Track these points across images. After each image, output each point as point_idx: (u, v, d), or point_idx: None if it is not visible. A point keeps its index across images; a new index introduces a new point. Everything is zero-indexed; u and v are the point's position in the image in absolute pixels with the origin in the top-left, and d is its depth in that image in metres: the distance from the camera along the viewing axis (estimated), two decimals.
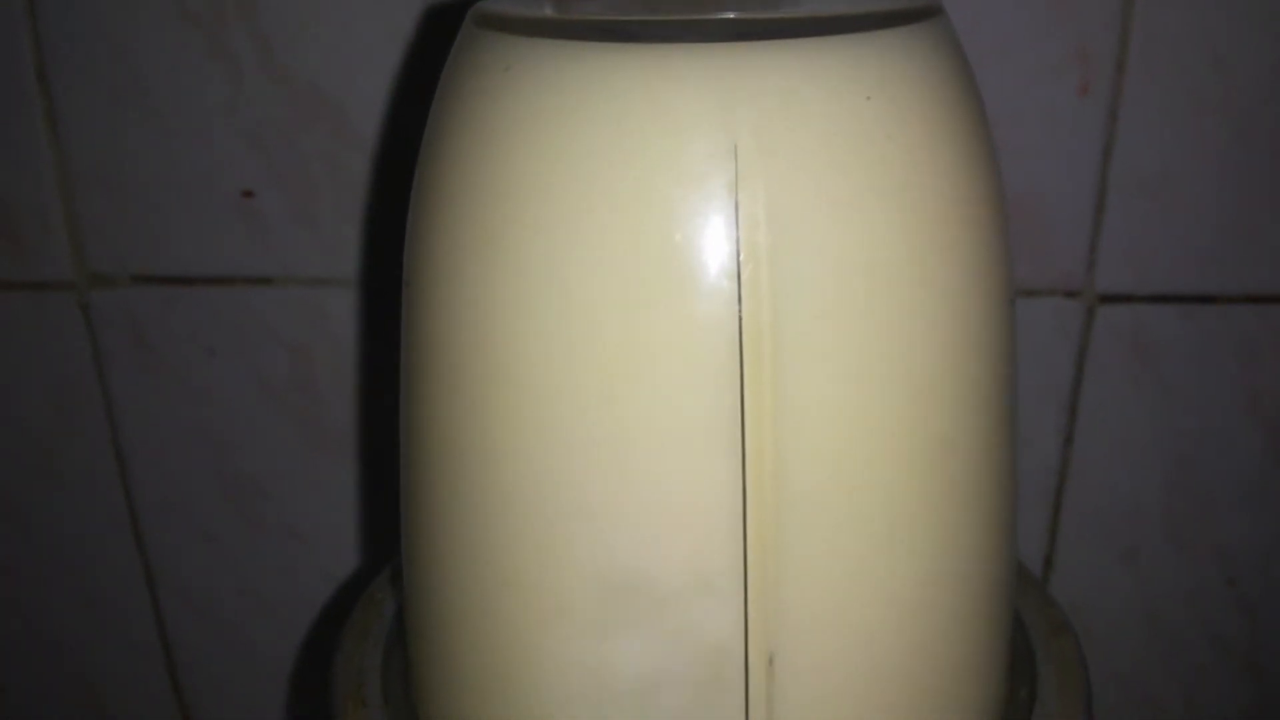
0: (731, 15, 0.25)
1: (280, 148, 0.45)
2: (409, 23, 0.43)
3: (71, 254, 0.47)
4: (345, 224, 0.46)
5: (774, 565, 0.25)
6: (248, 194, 0.45)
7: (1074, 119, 0.43)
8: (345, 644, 0.33)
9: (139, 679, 0.56)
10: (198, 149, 0.45)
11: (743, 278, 0.23)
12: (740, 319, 0.23)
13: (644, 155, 0.23)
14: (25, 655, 0.56)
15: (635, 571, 0.25)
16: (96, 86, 0.44)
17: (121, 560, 0.53)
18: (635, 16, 0.26)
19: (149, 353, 0.49)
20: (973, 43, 0.42)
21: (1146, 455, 0.49)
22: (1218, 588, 0.51)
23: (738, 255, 0.23)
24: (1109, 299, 0.46)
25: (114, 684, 0.56)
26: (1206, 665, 0.53)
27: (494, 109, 0.24)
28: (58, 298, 0.48)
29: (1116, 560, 0.51)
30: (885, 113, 0.24)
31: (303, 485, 0.51)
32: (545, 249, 0.24)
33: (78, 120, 0.45)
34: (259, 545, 0.52)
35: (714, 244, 0.23)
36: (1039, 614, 0.34)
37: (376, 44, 0.43)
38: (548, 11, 0.27)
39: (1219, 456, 0.48)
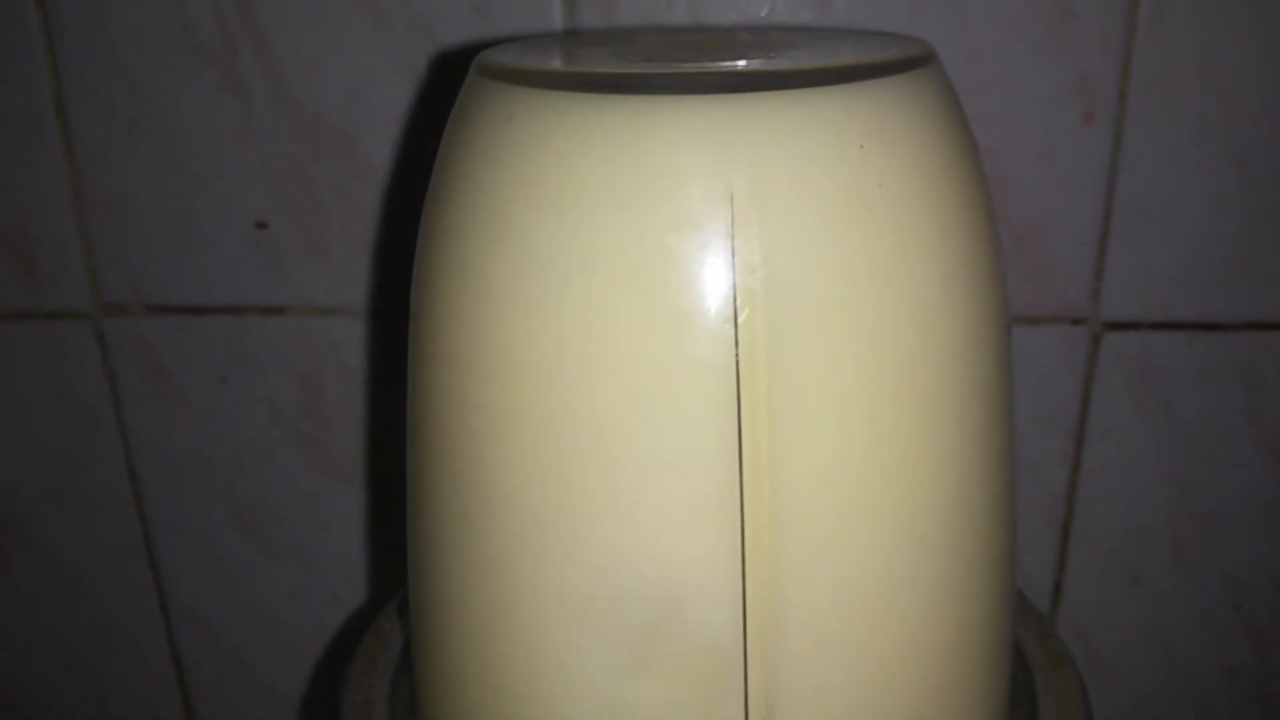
0: (728, 66, 0.26)
1: (291, 179, 0.45)
2: (420, 60, 0.43)
3: (87, 284, 0.48)
4: (355, 254, 0.46)
5: (773, 606, 0.25)
6: (261, 225, 0.46)
7: (1077, 147, 0.43)
8: (352, 676, 0.33)
9: (152, 701, 0.56)
10: (211, 180, 0.46)
11: (739, 322, 0.24)
12: (737, 363, 0.24)
13: (642, 203, 0.24)
14: (39, 676, 0.57)
15: (637, 608, 0.25)
16: (112, 119, 0.45)
17: (135, 584, 0.54)
18: (635, 69, 0.26)
19: (163, 380, 0.49)
20: (975, 72, 0.42)
21: (1153, 481, 0.49)
22: (1225, 612, 0.51)
23: (735, 300, 0.24)
24: (1114, 326, 0.46)
25: (127, 706, 0.57)
26: (1215, 690, 0.53)
27: (496, 158, 0.25)
28: (74, 327, 0.48)
29: (1124, 586, 0.51)
30: (878, 161, 0.24)
31: (313, 511, 0.51)
32: (545, 294, 0.24)
33: (94, 152, 0.46)
34: (270, 570, 0.53)
35: (711, 289, 0.24)
36: (1039, 646, 0.34)
37: (387, 78, 0.43)
38: (551, 62, 0.28)
39: (1225, 482, 0.48)
